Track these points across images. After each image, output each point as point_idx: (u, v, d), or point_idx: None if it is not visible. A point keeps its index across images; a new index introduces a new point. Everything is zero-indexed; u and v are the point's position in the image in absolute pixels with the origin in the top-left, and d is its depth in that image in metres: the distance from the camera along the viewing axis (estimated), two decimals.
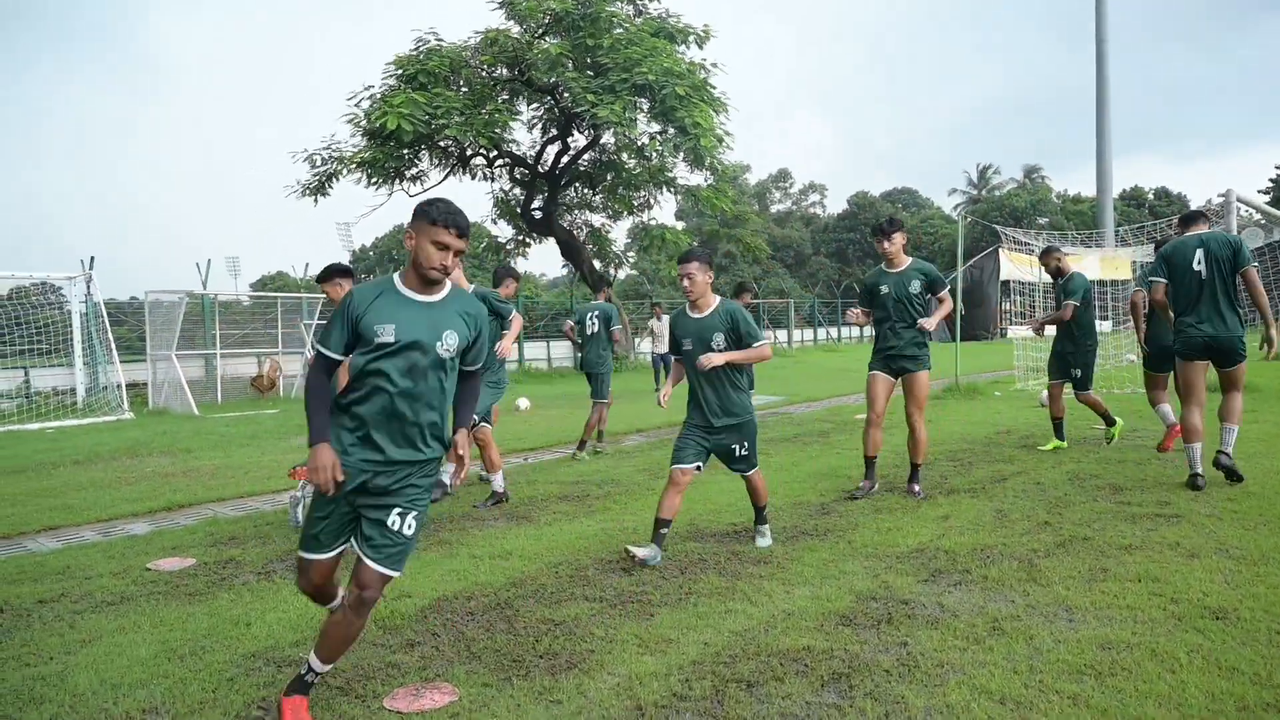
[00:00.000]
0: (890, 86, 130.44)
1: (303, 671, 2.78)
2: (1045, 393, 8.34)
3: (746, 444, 4.60)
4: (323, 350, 2.72)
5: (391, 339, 2.65)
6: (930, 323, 5.75)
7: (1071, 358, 7.55)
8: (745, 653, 3.23)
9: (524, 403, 13.75)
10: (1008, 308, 34.38)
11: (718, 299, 4.58)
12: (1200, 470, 5.71)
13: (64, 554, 5.14)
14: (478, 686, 3.03)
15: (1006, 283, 33.55)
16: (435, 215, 2.69)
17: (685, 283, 4.49)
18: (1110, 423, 7.75)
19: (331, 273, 5.46)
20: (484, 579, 4.33)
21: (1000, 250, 32.52)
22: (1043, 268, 7.86)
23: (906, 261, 5.93)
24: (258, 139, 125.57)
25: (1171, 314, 5.89)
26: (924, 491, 5.90)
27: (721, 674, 3.04)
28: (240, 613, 3.90)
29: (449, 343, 2.73)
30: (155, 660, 3.36)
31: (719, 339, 4.45)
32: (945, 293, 5.91)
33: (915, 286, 5.82)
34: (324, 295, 6.50)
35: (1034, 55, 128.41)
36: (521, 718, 2.78)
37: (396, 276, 2.79)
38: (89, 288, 15.27)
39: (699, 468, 4.51)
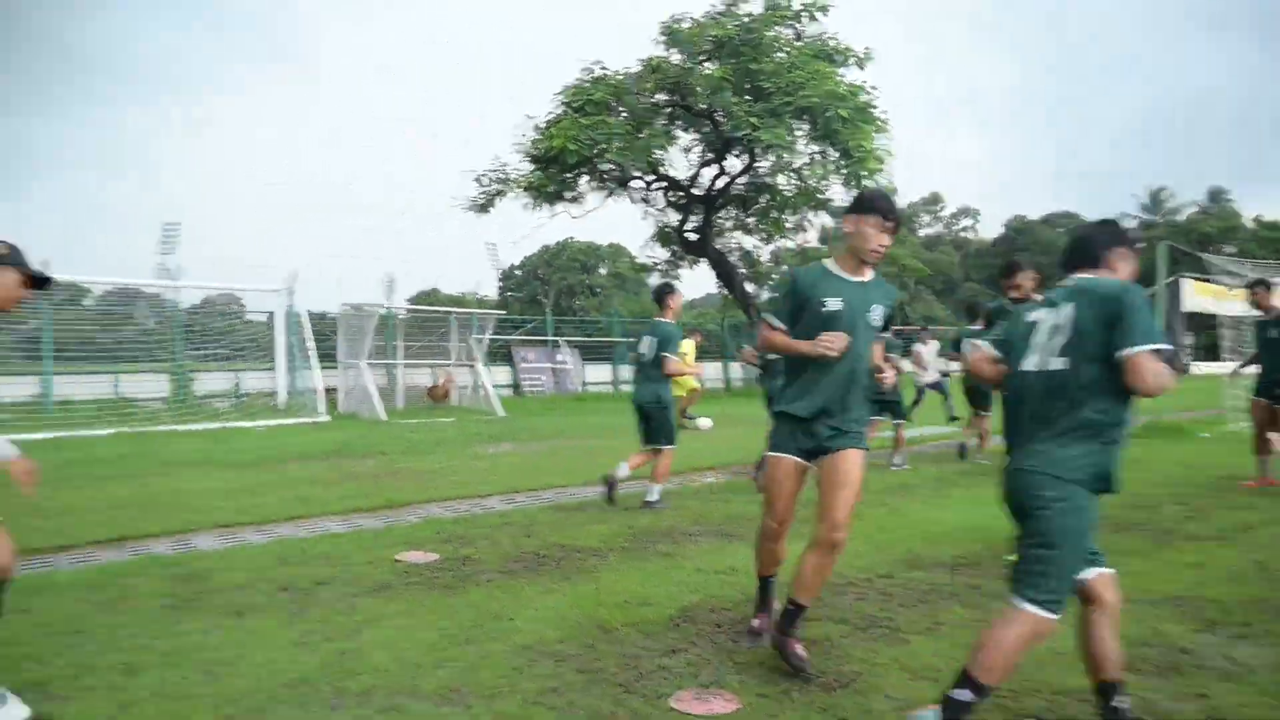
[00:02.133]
0: (1057, 91, 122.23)
1: None
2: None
3: None
4: None
5: None
6: (890, 372, 3.64)
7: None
8: (1025, 689, 3.13)
9: (705, 422, 13.89)
10: (1189, 342, 31.63)
11: None
12: None
13: (320, 541, 5.64)
14: (754, 696, 3.10)
15: (1191, 315, 30.85)
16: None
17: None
18: None
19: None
20: (716, 592, 4.41)
21: (1181, 279, 30.07)
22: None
23: (869, 272, 3.56)
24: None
25: None
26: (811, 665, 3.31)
27: (1008, 708, 2.96)
28: (499, 608, 4.14)
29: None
30: (440, 645, 3.63)
31: None
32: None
33: (877, 313, 3.54)
34: (482, 314, 7.10)
35: (1228, 52, 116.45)
36: None
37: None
38: (290, 299, 16.82)
39: None
